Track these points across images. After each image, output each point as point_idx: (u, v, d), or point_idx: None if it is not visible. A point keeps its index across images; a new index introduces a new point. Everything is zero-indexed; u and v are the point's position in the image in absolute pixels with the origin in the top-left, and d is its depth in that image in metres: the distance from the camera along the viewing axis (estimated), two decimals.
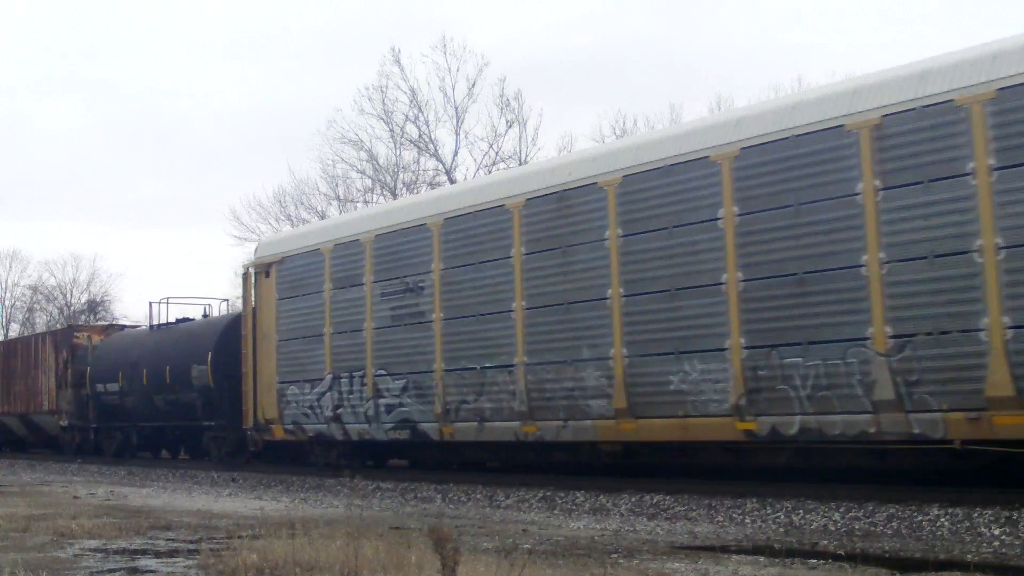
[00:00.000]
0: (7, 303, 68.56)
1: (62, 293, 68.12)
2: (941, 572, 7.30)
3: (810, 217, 11.92)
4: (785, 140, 12.22)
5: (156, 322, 27.50)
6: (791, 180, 12.11)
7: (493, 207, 15.66)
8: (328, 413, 18.40)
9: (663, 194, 13.40)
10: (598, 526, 10.85)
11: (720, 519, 11.29)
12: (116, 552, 8.89)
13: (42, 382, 30.72)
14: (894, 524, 10.09)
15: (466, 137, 39.28)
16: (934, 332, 10.90)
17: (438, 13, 60.16)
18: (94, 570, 7.83)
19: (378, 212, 19.43)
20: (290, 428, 19.45)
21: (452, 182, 39.16)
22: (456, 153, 39.34)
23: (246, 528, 10.26)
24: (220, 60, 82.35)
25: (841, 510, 10.80)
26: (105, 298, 65.55)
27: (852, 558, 7.82)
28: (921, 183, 11.03)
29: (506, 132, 38.79)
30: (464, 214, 16.12)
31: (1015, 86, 10.41)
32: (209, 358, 22.76)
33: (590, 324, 14.17)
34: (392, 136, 39.69)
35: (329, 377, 18.42)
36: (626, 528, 10.61)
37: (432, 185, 39.38)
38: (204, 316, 27.33)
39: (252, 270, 20.77)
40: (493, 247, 15.59)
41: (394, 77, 39.52)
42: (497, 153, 38.70)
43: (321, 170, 43.00)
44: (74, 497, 15.72)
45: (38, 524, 10.87)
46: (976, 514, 9.90)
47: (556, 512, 12.62)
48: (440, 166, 39.35)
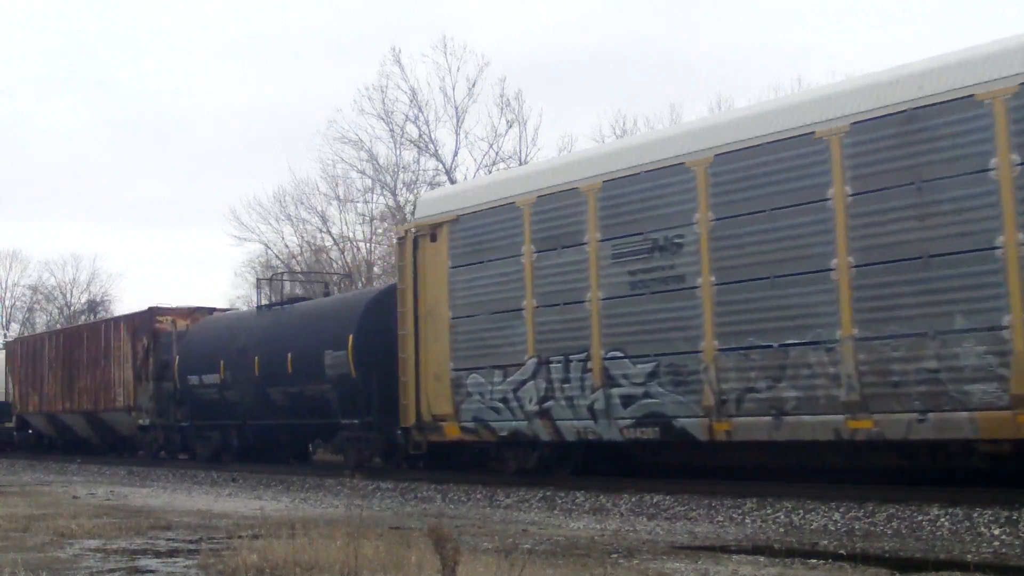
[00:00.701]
0: (7, 303, 68.59)
1: (62, 293, 68.16)
2: (941, 572, 7.31)
3: None
4: None
5: (262, 303, 23.88)
6: None
7: (795, 137, 12.07)
8: (531, 407, 14.68)
9: None
10: (598, 526, 10.85)
11: (720, 519, 11.29)
12: (116, 552, 8.88)
13: (115, 375, 26.46)
14: (894, 524, 10.09)
15: (466, 137, 39.27)
16: None
17: (438, 13, 60.23)
18: (94, 570, 7.83)
19: (605, 153, 14.96)
20: (469, 426, 15.66)
21: (452, 182, 39.19)
22: (456, 153, 39.33)
23: (246, 528, 10.26)
24: (220, 60, 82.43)
25: (841, 510, 10.80)
26: (105, 298, 65.56)
27: (852, 558, 7.82)
28: None
29: (506, 132, 38.78)
30: (745, 148, 12.50)
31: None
32: (350, 342, 18.50)
33: (967, 283, 10.69)
34: (392, 136, 39.69)
35: (532, 362, 14.72)
36: (626, 528, 10.61)
37: (432, 185, 39.37)
38: (325, 294, 23.26)
39: (412, 233, 16.88)
40: (794, 188, 12.01)
41: (394, 77, 39.53)
42: (497, 153, 38.73)
43: (321, 170, 43.11)
44: (74, 497, 15.72)
45: (38, 524, 10.87)
46: (976, 514, 9.89)
47: (556, 512, 12.63)
48: (440, 166, 39.36)
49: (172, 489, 18.11)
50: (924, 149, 11.03)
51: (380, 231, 40.76)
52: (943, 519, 9.96)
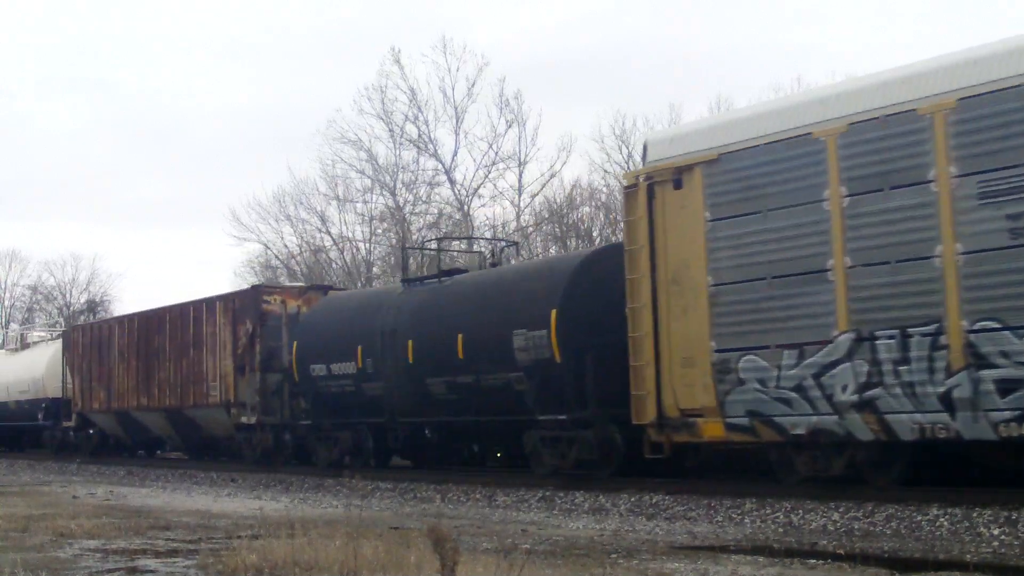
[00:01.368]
0: (6, 303, 68.56)
1: (61, 293, 68.10)
2: (940, 572, 7.31)
3: None
4: None
5: (408, 276, 20.32)
6: None
7: None
8: (844, 397, 11.60)
9: None
10: (597, 526, 10.86)
11: (719, 519, 11.29)
12: (115, 552, 8.89)
13: (209, 365, 22.57)
14: (893, 524, 10.09)
15: (466, 137, 39.27)
16: None
17: (438, 13, 60.21)
18: (93, 570, 7.84)
19: (964, 61, 11.18)
20: (741, 423, 12.48)
21: (452, 182, 39.21)
22: (456, 153, 39.34)
23: (245, 528, 10.27)
24: (220, 60, 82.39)
25: (840, 510, 10.80)
26: (104, 298, 65.52)
27: (851, 558, 7.82)
28: None
29: (506, 132, 38.80)
30: None
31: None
32: (553, 319, 14.72)
33: None
34: (392, 136, 39.71)
35: (845, 339, 11.64)
36: (625, 528, 10.62)
37: (432, 185, 39.36)
38: (492, 264, 19.35)
39: (643, 181, 13.64)
40: None
41: (394, 77, 39.52)
42: (497, 153, 38.74)
43: (321, 170, 43.07)
44: (73, 497, 15.72)
45: (38, 524, 10.88)
46: (975, 514, 9.90)
47: (555, 512, 12.63)
48: (439, 166, 39.38)
49: (171, 489, 18.11)
50: None
51: (379, 231, 40.81)
52: (942, 519, 9.96)
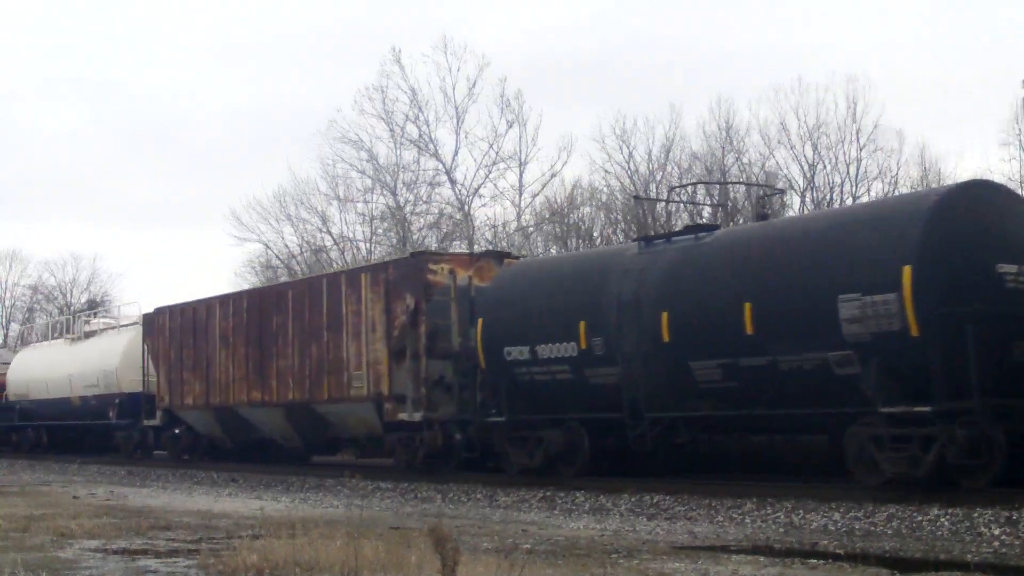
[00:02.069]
0: (7, 303, 68.52)
1: (62, 293, 68.04)
2: (941, 572, 7.31)
3: None
4: None
5: (643, 236, 17.02)
6: None
7: None
8: None
9: None
10: (598, 526, 10.85)
11: (720, 519, 11.28)
12: (116, 552, 8.89)
13: (351, 351, 18.58)
14: (894, 524, 10.09)
15: (466, 137, 39.23)
16: None
17: (438, 13, 60.21)
18: (94, 570, 7.84)
19: None
20: None
21: (452, 182, 39.18)
22: (456, 153, 39.31)
23: (246, 528, 10.26)
24: (220, 61, 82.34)
25: (841, 510, 10.79)
26: (105, 298, 65.48)
27: (852, 558, 7.82)
28: None
29: (506, 132, 38.78)
30: None
31: None
32: (906, 278, 11.10)
33: None
34: (392, 136, 39.68)
35: None
36: (626, 528, 10.61)
37: (432, 185, 39.32)
38: (762, 216, 16.09)
39: None
40: None
41: (394, 77, 39.49)
42: (497, 153, 38.73)
43: (321, 170, 42.95)
44: (74, 497, 15.71)
45: (38, 524, 10.87)
46: (976, 514, 9.89)
47: (556, 512, 12.62)
48: (440, 166, 39.36)
49: (172, 489, 18.11)
50: None
51: (380, 231, 40.79)
52: (943, 519, 9.96)
